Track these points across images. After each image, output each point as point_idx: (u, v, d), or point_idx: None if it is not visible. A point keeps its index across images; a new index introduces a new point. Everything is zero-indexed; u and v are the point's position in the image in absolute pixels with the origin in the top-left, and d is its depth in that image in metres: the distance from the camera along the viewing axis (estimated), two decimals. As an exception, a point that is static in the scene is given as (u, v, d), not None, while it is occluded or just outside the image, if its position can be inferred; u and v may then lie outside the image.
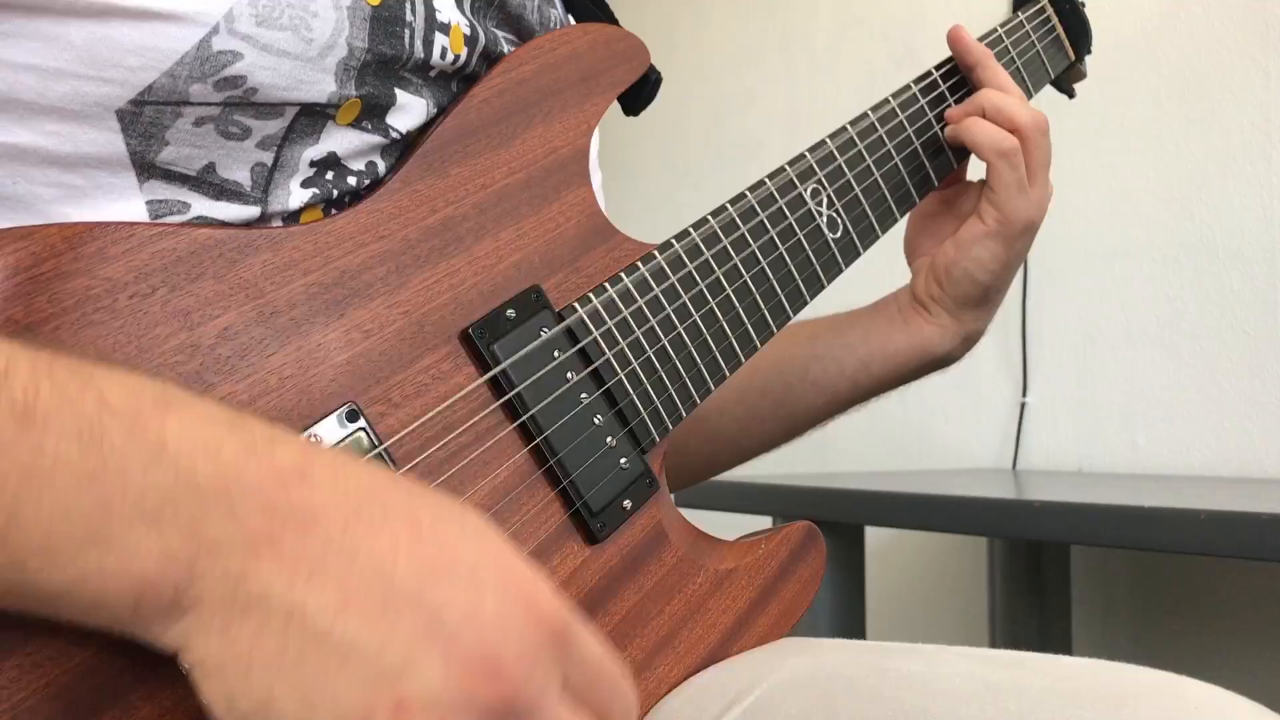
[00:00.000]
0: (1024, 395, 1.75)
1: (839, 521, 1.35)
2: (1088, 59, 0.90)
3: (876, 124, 0.75)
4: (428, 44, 0.55)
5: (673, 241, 0.63)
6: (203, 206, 0.50)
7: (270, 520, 0.36)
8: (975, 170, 0.80)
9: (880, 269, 0.94)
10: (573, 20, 0.69)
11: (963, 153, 0.79)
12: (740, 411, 0.79)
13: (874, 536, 1.66)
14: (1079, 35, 0.87)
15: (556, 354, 0.57)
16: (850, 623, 1.41)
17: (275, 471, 0.37)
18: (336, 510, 0.37)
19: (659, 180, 2.33)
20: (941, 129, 0.77)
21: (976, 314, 0.79)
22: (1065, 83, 0.91)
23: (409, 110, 0.56)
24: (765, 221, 0.67)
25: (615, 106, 0.66)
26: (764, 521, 1.35)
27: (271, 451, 0.37)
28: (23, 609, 0.36)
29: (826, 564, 0.67)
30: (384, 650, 0.35)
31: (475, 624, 0.36)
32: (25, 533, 0.34)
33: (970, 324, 0.79)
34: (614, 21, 0.67)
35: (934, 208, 0.81)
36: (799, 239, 0.69)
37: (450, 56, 0.57)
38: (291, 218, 0.53)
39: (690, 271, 0.63)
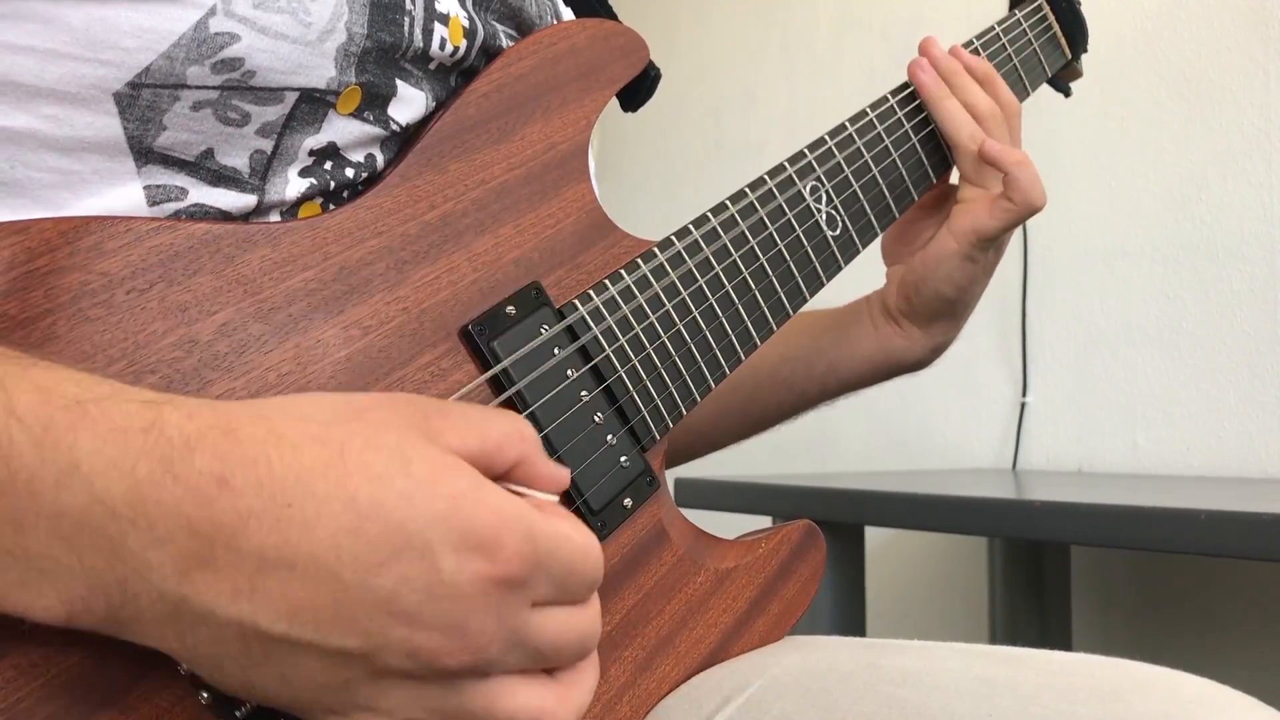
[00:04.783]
0: (1024, 395, 1.75)
1: (839, 521, 1.35)
2: (1084, 57, 0.90)
3: (875, 121, 0.75)
4: (427, 33, 0.55)
5: (673, 239, 0.63)
6: (200, 193, 0.50)
7: (197, 541, 0.34)
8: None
9: (878, 267, 0.94)
10: (572, 15, 0.69)
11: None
12: (710, 405, 0.78)
13: (874, 536, 1.66)
14: (1075, 33, 0.87)
15: (557, 351, 0.57)
16: (850, 623, 1.41)
17: (193, 489, 0.35)
18: (266, 514, 0.35)
19: (659, 180, 2.33)
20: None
21: (946, 326, 0.80)
22: (1061, 81, 0.91)
23: (409, 103, 0.55)
24: (765, 219, 0.67)
25: (614, 104, 0.66)
26: (764, 522, 1.35)
27: (189, 461, 0.35)
28: None
29: (826, 562, 0.67)
30: (344, 642, 0.36)
31: (432, 598, 0.36)
32: None
33: (939, 336, 0.80)
34: (613, 18, 0.67)
35: (911, 214, 0.81)
36: (798, 236, 0.69)
37: (449, 48, 0.56)
38: (290, 209, 0.52)
39: (690, 269, 0.63)
